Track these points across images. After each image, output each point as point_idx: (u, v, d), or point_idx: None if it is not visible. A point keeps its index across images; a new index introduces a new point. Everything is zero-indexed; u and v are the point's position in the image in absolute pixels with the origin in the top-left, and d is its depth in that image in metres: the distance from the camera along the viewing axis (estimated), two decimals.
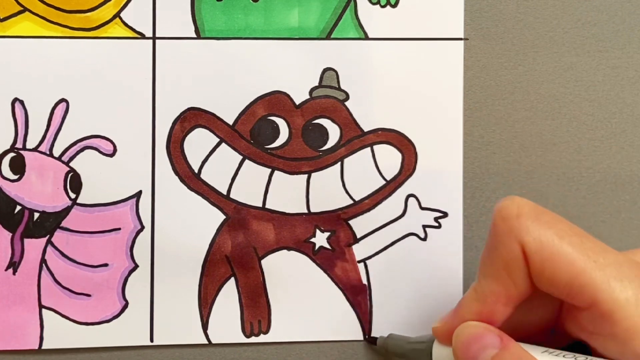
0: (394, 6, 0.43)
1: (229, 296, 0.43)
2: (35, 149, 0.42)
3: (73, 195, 0.42)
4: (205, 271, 0.43)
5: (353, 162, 0.43)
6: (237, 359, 0.43)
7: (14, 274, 0.42)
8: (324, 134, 0.43)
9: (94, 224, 0.42)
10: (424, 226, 0.44)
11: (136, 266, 0.42)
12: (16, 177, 0.42)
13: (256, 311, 0.43)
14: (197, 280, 0.43)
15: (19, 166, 0.42)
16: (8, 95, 0.42)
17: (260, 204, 0.43)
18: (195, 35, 0.43)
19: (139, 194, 0.42)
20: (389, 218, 0.43)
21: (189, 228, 0.43)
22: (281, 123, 0.43)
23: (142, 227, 0.42)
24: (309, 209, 0.43)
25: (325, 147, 0.43)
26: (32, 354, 0.42)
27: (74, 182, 0.42)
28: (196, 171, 0.43)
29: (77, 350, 0.42)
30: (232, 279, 0.43)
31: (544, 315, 0.37)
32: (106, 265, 0.42)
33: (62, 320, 0.42)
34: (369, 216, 0.43)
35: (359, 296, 0.43)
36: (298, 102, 0.43)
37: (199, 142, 0.43)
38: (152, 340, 0.42)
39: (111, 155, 0.42)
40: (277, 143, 0.43)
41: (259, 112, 0.43)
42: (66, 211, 0.42)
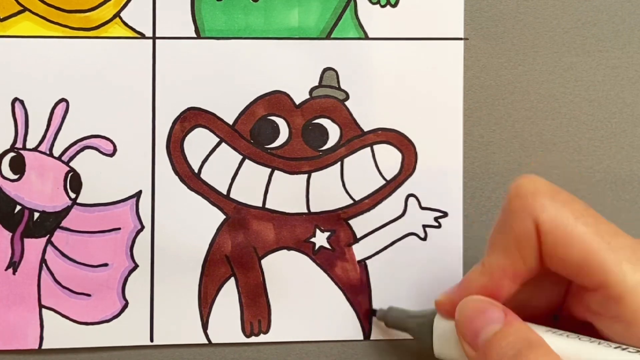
0: (394, 6, 0.43)
1: (229, 296, 0.43)
2: (35, 149, 0.42)
3: (73, 195, 0.42)
4: (205, 271, 0.43)
5: (353, 162, 0.43)
6: (237, 358, 0.43)
7: (14, 273, 0.42)
8: (324, 133, 0.43)
9: (94, 223, 0.42)
10: (424, 226, 0.44)
11: (136, 266, 0.42)
12: (16, 177, 0.42)
13: (256, 311, 0.43)
14: (197, 280, 0.43)
15: (19, 166, 0.42)
16: (8, 95, 0.42)
17: (260, 204, 0.43)
18: (195, 35, 0.43)
19: (139, 194, 0.42)
20: (389, 218, 0.43)
21: (189, 228, 0.42)
22: (281, 123, 0.43)
23: (142, 227, 0.42)
24: (309, 209, 0.43)
25: (325, 147, 0.43)
26: (32, 354, 0.42)
27: (74, 182, 0.42)
28: (196, 171, 0.43)
29: (77, 350, 0.42)
30: (232, 278, 0.43)
31: (549, 297, 0.37)
32: (106, 265, 0.42)
33: (62, 320, 0.42)
34: (369, 216, 0.43)
35: (359, 296, 0.43)
36: (298, 101, 0.43)
37: (199, 142, 0.43)
38: (152, 340, 0.42)
39: (111, 155, 0.42)
40: (277, 143, 0.43)
41: (259, 112, 0.43)
42: (66, 211, 0.42)
